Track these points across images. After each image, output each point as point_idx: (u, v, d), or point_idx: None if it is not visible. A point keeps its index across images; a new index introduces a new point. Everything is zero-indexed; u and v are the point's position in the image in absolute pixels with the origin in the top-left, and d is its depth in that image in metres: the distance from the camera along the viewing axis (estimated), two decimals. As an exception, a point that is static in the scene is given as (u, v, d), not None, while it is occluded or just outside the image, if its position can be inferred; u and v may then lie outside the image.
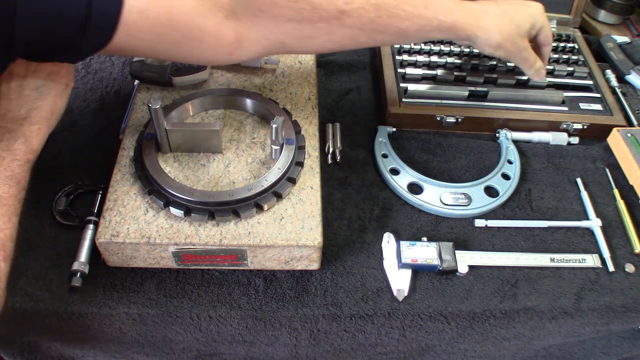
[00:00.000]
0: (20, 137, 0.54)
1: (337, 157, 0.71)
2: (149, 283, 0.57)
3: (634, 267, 0.63)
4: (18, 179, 0.51)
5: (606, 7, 1.02)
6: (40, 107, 0.56)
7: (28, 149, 0.54)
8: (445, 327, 0.59)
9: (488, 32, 0.61)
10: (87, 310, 0.55)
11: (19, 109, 0.55)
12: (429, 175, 0.69)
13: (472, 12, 0.60)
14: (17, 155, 0.52)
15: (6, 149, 0.52)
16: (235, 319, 0.57)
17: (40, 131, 0.56)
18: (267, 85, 0.70)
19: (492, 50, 0.63)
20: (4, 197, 0.50)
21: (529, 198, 0.69)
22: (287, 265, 0.58)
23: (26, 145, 0.54)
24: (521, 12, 0.65)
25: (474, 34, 0.61)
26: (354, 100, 0.80)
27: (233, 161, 0.61)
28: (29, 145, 0.54)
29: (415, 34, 0.58)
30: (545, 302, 0.59)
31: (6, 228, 0.49)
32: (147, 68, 0.70)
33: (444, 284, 0.60)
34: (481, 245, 0.64)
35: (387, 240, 0.62)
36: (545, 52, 0.72)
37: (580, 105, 0.78)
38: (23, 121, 0.55)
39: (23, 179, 0.52)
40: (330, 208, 0.65)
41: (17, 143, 0.53)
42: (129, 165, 0.59)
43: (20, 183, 0.51)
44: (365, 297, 0.58)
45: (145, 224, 0.54)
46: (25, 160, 0.53)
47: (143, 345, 0.62)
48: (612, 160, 0.75)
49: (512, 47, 0.64)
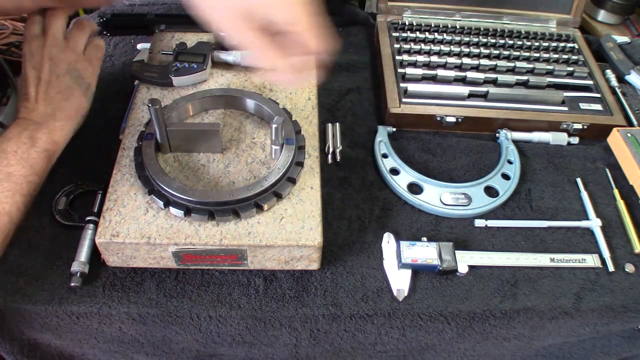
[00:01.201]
0: (44, 129, 0.59)
1: (337, 157, 0.71)
2: (149, 283, 0.57)
3: (634, 267, 0.63)
4: (32, 163, 0.56)
5: (606, 7, 1.02)
6: (65, 107, 0.62)
7: (49, 139, 0.58)
8: (445, 327, 0.59)
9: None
10: (87, 310, 0.55)
11: (46, 108, 0.60)
12: (429, 175, 0.69)
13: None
14: (37, 142, 0.57)
15: (29, 137, 0.57)
16: (235, 319, 0.57)
17: (64, 128, 0.61)
18: (267, 85, 0.70)
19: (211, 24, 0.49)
20: (14, 175, 0.54)
21: (529, 198, 0.69)
22: (287, 265, 0.58)
23: (48, 136, 0.59)
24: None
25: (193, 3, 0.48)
26: (354, 100, 0.80)
27: (233, 161, 0.61)
28: (50, 136, 0.59)
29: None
30: (545, 302, 0.59)
31: (6, 203, 0.53)
32: (147, 68, 0.70)
33: (444, 284, 0.60)
34: (481, 245, 0.64)
35: (387, 240, 0.62)
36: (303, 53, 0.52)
37: (580, 105, 0.78)
38: (49, 117, 0.60)
39: (37, 165, 0.56)
40: (330, 208, 0.65)
41: (39, 133, 0.58)
42: (129, 165, 0.59)
43: (33, 167, 0.56)
44: (365, 297, 0.58)
45: (145, 224, 0.54)
46: (43, 149, 0.58)
47: (143, 345, 0.62)
48: (612, 160, 0.75)
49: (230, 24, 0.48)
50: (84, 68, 0.65)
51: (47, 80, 0.61)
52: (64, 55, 0.63)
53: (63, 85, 0.62)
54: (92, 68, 0.67)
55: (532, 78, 0.80)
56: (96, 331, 0.58)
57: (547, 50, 0.86)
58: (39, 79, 0.61)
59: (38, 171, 0.56)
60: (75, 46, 0.65)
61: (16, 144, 0.56)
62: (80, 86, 0.64)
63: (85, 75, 0.65)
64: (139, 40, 0.86)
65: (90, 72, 0.66)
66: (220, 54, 0.71)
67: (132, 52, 0.83)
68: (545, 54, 0.84)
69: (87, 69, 0.65)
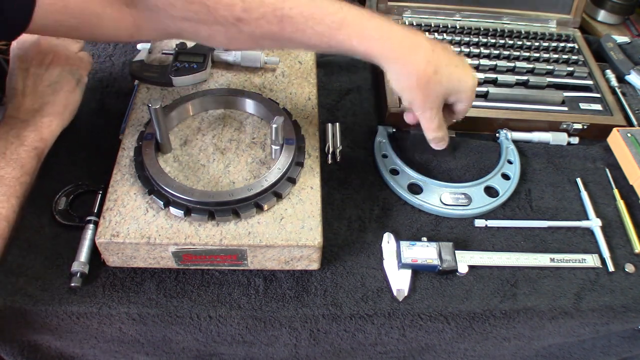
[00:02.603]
0: (31, 126, 0.58)
1: (337, 157, 0.71)
2: (149, 283, 0.57)
3: (634, 267, 0.63)
4: (22, 163, 0.55)
5: (606, 7, 1.02)
6: (53, 101, 0.60)
7: (37, 137, 0.57)
8: (445, 327, 0.59)
9: (404, 67, 0.53)
10: (87, 310, 0.55)
11: (33, 103, 0.59)
12: (429, 175, 0.69)
13: (395, 41, 0.53)
14: (25, 141, 0.56)
15: (16, 135, 0.56)
16: (235, 319, 0.57)
17: (52, 123, 0.60)
18: (267, 85, 0.70)
19: (399, 89, 0.56)
20: (6, 177, 0.53)
21: (529, 198, 0.69)
22: (287, 265, 0.58)
23: (36, 133, 0.57)
24: (453, 70, 0.55)
25: (388, 66, 0.54)
26: (354, 100, 0.80)
27: (233, 161, 0.61)
28: (38, 134, 0.58)
29: (327, 51, 0.53)
30: (545, 302, 0.59)
31: (3, 207, 0.52)
32: (147, 68, 0.70)
33: (444, 284, 0.60)
34: (481, 245, 0.64)
35: (387, 240, 0.62)
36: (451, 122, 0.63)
37: (580, 105, 0.78)
38: (36, 113, 0.59)
39: (28, 164, 0.56)
40: (330, 208, 0.65)
41: (27, 131, 0.57)
42: (129, 165, 0.59)
43: (24, 167, 0.55)
44: (365, 297, 0.58)
45: (145, 224, 0.54)
46: (32, 147, 0.57)
47: (143, 345, 0.62)
48: (612, 160, 0.75)
49: (422, 97, 0.56)
50: (74, 64, 0.64)
51: (35, 73, 0.60)
52: (55, 49, 0.62)
53: (53, 78, 0.61)
54: (83, 65, 0.66)
55: (532, 78, 0.80)
56: (96, 331, 0.58)
57: (547, 50, 0.86)
58: (27, 72, 0.60)
59: (29, 171, 0.56)
60: (67, 45, 0.64)
61: (4, 144, 0.55)
62: (70, 80, 0.63)
63: (76, 69, 0.64)
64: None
65: (81, 68, 0.65)
66: (220, 54, 0.71)
67: (132, 52, 0.83)
68: (545, 54, 0.84)
69: (78, 65, 0.65)
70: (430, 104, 0.57)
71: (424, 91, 0.55)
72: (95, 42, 0.71)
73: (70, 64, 0.63)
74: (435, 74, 0.54)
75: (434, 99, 0.56)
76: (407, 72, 0.54)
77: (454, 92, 0.57)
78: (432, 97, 0.56)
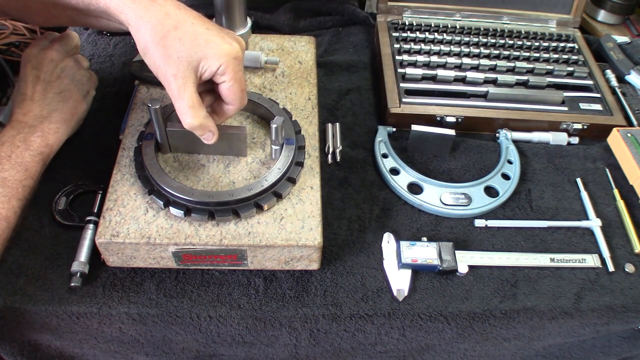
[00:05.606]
0: (38, 131, 0.58)
1: (337, 157, 0.71)
2: (149, 283, 0.57)
3: (634, 267, 0.63)
4: (27, 166, 0.56)
5: (606, 7, 1.02)
6: (61, 109, 0.62)
7: (43, 142, 0.58)
8: (445, 327, 0.59)
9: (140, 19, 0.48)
10: (87, 310, 0.55)
11: (42, 109, 0.60)
12: (429, 175, 0.69)
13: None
14: (31, 146, 0.57)
15: (23, 140, 0.57)
16: (235, 319, 0.57)
17: (59, 130, 0.61)
18: (267, 85, 0.70)
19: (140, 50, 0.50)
20: (10, 179, 0.54)
21: (529, 198, 0.69)
22: (287, 265, 0.58)
23: (42, 139, 0.58)
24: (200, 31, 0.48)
25: (127, 21, 0.48)
26: (354, 100, 0.80)
27: (233, 161, 0.61)
28: (44, 139, 0.58)
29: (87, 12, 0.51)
30: (545, 302, 0.59)
31: (3, 208, 0.52)
32: (147, 68, 0.69)
33: (444, 284, 0.60)
34: (481, 245, 0.64)
35: (387, 240, 0.62)
36: (226, 111, 0.54)
37: (580, 105, 0.78)
38: (43, 119, 0.59)
39: (32, 168, 0.56)
40: (330, 208, 0.65)
41: (33, 136, 0.58)
42: (129, 165, 0.59)
43: (28, 170, 0.56)
44: (365, 297, 0.58)
45: (145, 224, 0.54)
46: (38, 152, 0.57)
47: (143, 345, 0.62)
48: (612, 160, 0.75)
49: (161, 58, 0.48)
50: (84, 76, 0.66)
51: (46, 80, 0.61)
52: (67, 60, 0.64)
53: (62, 86, 0.62)
54: (92, 79, 0.68)
55: (532, 78, 0.80)
56: (96, 331, 0.58)
57: (547, 50, 0.86)
58: (37, 78, 0.61)
59: (33, 174, 0.56)
60: (78, 59, 0.66)
61: (10, 148, 0.55)
62: (79, 90, 0.64)
63: (85, 83, 0.66)
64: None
65: (90, 82, 0.67)
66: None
67: (132, 52, 0.83)
68: (545, 54, 0.84)
69: (88, 78, 0.66)
70: (173, 69, 0.48)
71: (162, 49, 0.47)
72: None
73: (80, 76, 0.65)
74: (175, 29, 0.47)
75: (177, 62, 0.48)
76: (142, 24, 0.47)
77: (202, 57, 0.48)
78: (173, 59, 0.47)
